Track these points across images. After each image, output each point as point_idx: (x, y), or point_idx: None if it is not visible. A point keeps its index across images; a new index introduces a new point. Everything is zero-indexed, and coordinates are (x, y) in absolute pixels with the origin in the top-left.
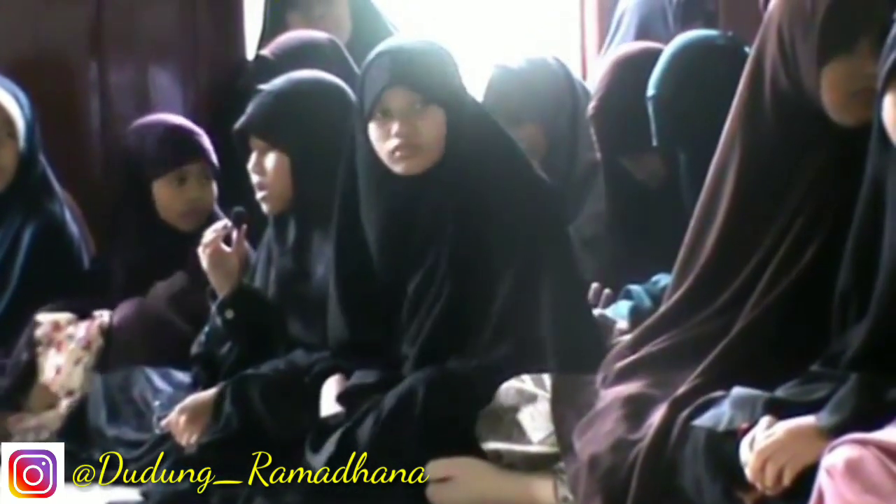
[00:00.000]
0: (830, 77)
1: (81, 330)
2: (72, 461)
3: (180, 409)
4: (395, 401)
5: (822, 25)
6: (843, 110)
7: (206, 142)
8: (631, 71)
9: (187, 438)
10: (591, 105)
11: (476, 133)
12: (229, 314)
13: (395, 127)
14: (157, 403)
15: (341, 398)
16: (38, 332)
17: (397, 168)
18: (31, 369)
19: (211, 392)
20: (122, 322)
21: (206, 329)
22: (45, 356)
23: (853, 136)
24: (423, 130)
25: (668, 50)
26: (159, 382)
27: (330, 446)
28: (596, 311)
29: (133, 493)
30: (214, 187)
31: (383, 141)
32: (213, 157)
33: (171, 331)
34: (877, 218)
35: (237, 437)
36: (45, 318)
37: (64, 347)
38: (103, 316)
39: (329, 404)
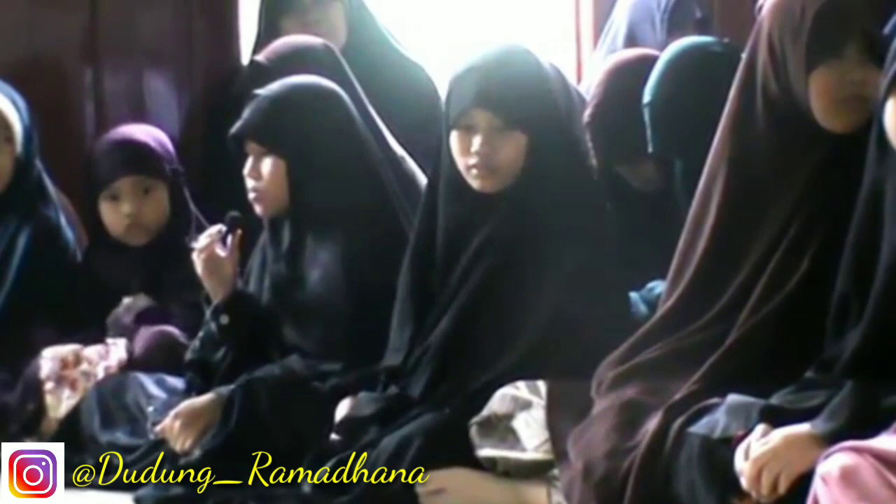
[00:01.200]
0: (818, 83)
1: (99, 370)
2: (65, 467)
3: (175, 414)
4: (392, 449)
5: (809, 31)
6: (831, 116)
7: (150, 153)
8: (626, 78)
9: (182, 444)
10: (587, 112)
11: (555, 159)
12: (224, 319)
13: (476, 143)
14: (150, 409)
15: (339, 428)
16: (44, 372)
17: (473, 183)
18: (38, 410)
19: (206, 398)
20: (144, 353)
21: (201, 334)
22: (55, 394)
23: (844, 141)
24: (502, 153)
25: (664, 57)
26: (153, 388)
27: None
28: None
29: (126, 499)
30: (163, 198)
31: (462, 155)
32: (161, 167)
33: None
34: (875, 223)
35: (235, 445)
36: (48, 355)
37: (78, 386)
38: (117, 345)
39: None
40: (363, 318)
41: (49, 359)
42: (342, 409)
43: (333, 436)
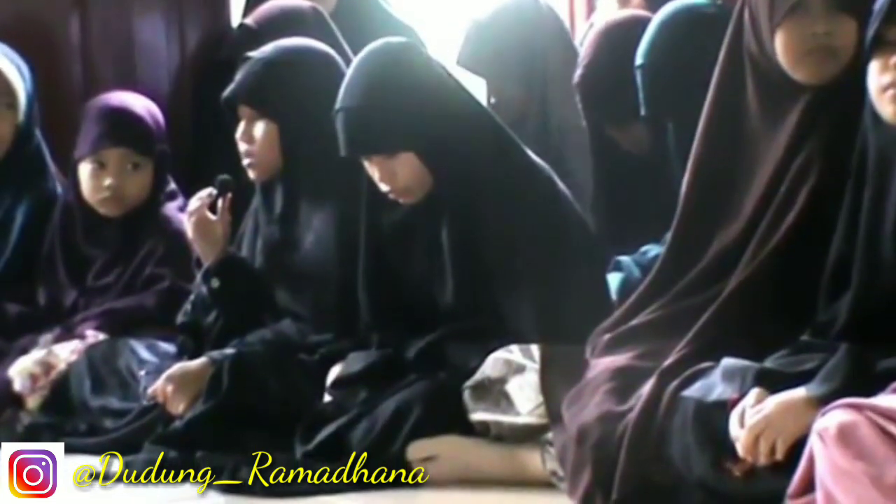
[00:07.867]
0: (783, 37)
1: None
2: (56, 433)
3: (167, 377)
4: (390, 416)
5: None
6: (799, 69)
7: (145, 130)
8: (617, 39)
9: (175, 407)
10: (577, 73)
11: (463, 150)
12: (215, 283)
13: (375, 175)
14: (143, 373)
15: (333, 388)
16: (17, 387)
17: (399, 200)
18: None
19: (198, 361)
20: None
21: (192, 297)
22: (33, 396)
23: (823, 93)
24: (399, 175)
25: (657, 19)
26: (144, 353)
27: (319, 443)
28: None
29: (127, 499)
30: (147, 176)
31: (378, 182)
32: (152, 146)
33: None
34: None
35: (225, 414)
36: (17, 370)
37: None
38: (88, 340)
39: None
40: (355, 282)
41: (18, 374)
42: (333, 374)
43: (327, 397)
